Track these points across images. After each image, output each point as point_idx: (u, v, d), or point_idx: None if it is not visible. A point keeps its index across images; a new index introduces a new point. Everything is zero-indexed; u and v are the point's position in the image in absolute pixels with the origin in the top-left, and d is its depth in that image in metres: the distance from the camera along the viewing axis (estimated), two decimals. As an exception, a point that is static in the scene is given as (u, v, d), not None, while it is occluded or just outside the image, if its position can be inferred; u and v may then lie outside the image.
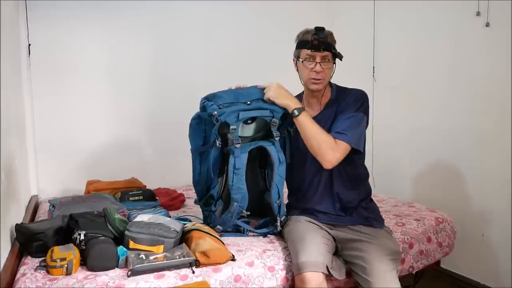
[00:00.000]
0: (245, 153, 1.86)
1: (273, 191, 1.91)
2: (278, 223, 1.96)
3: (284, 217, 1.98)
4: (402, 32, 3.14)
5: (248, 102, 1.88)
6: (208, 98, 1.90)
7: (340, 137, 1.80)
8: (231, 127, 1.83)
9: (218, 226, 1.96)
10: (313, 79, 1.88)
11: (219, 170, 1.93)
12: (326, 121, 1.91)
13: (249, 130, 1.95)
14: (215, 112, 1.81)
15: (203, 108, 1.90)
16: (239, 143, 1.85)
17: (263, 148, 1.90)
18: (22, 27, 2.72)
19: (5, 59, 2.01)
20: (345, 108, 1.88)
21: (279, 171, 1.90)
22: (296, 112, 1.80)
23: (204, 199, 2.02)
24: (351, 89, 1.97)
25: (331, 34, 1.89)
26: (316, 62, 1.86)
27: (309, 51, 1.86)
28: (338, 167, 1.84)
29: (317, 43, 1.83)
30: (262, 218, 2.05)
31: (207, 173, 1.95)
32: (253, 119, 1.90)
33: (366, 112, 1.89)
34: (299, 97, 2.03)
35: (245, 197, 1.89)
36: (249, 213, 1.95)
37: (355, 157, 1.89)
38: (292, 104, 1.82)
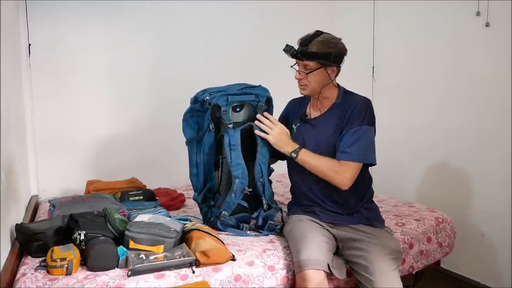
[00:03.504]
0: (238, 131, 1.96)
1: (256, 169, 1.99)
2: (265, 205, 2.02)
3: (271, 201, 2.06)
4: (402, 32, 3.14)
5: (236, 90, 2.02)
6: (198, 93, 2.04)
7: (345, 157, 1.83)
8: (222, 109, 1.95)
9: (223, 212, 1.99)
10: (298, 84, 1.96)
11: (214, 163, 2.03)
12: (327, 123, 1.93)
13: (238, 118, 2.02)
14: (207, 97, 1.96)
15: (194, 99, 2.02)
16: (231, 124, 1.95)
17: (252, 133, 1.97)
18: (22, 27, 2.72)
19: (5, 59, 2.01)
20: (349, 121, 1.88)
21: (263, 150, 1.99)
22: (294, 155, 1.89)
23: (203, 193, 2.06)
24: (356, 96, 1.97)
25: (319, 42, 1.86)
26: (296, 70, 1.93)
27: (290, 57, 1.94)
28: None
29: (289, 53, 1.90)
30: (257, 209, 2.07)
31: (204, 162, 2.03)
32: (241, 107, 2.01)
33: (370, 121, 1.89)
34: (308, 98, 2.05)
35: (245, 172, 1.97)
36: (251, 189, 2.00)
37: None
38: (289, 149, 1.90)
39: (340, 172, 1.82)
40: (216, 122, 1.98)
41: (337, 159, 1.84)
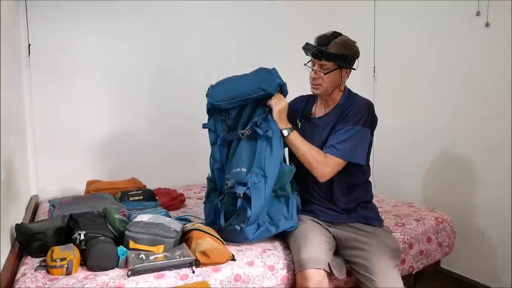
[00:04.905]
0: None
1: None
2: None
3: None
4: (402, 32, 3.14)
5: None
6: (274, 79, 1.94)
7: (331, 151, 1.84)
8: None
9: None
10: (311, 83, 1.95)
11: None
12: (328, 123, 1.94)
13: None
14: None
15: (277, 84, 1.90)
16: None
17: None
18: (22, 27, 2.72)
19: (5, 59, 2.01)
20: (346, 121, 1.89)
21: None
22: (285, 133, 1.87)
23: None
24: (359, 98, 1.97)
25: (337, 43, 1.87)
26: (312, 69, 1.91)
27: (310, 56, 1.91)
28: (336, 175, 1.87)
29: (311, 52, 1.88)
30: None
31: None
32: None
33: (366, 123, 1.88)
34: (316, 97, 2.05)
35: None
36: None
37: (355, 167, 1.89)
38: (283, 126, 1.88)
39: (322, 164, 1.83)
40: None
41: (324, 151, 1.85)
